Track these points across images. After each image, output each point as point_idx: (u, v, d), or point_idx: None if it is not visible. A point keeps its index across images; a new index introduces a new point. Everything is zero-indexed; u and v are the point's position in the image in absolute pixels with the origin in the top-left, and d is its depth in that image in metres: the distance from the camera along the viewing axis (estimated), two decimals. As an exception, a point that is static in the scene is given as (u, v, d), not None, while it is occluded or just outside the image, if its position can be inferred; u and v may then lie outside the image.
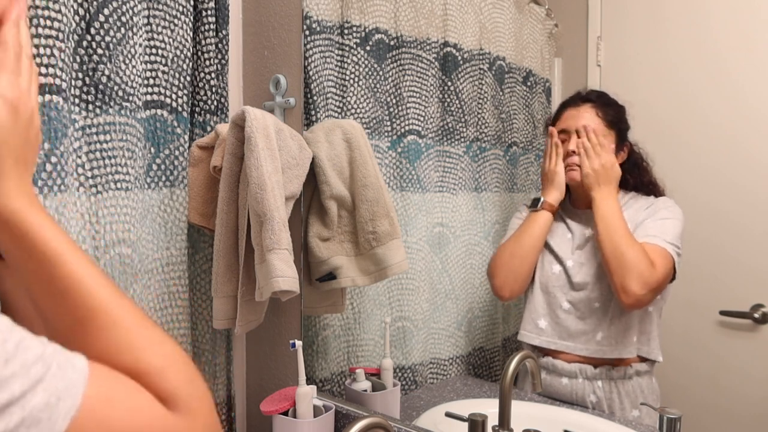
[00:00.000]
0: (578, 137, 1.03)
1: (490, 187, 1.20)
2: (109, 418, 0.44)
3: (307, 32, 1.29)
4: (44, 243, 0.49)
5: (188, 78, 1.25)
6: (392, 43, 1.25)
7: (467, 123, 1.21)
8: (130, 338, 0.50)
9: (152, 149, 1.20)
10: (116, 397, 0.46)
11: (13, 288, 0.58)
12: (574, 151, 1.03)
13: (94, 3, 1.06)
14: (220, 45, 1.31)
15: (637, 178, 1.00)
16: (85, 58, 1.06)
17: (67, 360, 0.44)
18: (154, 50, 1.19)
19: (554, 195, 1.06)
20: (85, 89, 1.07)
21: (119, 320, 0.50)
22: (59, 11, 0.98)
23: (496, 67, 1.18)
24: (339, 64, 1.28)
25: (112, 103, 1.09)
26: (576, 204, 1.07)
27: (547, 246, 1.09)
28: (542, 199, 1.07)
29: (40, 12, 0.96)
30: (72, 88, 1.04)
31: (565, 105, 1.06)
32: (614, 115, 1.01)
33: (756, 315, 0.88)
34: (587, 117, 1.02)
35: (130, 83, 1.11)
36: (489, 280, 1.17)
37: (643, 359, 0.99)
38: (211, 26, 1.28)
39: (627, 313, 1.00)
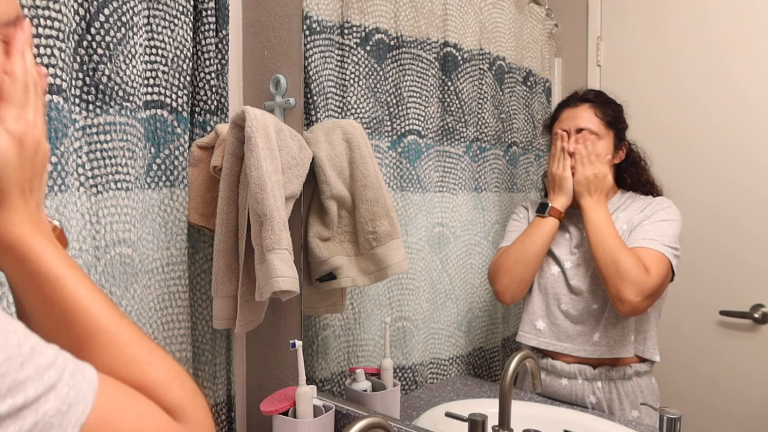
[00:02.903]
0: (576, 141, 1.02)
1: (490, 187, 1.20)
2: (119, 426, 0.45)
3: (307, 32, 1.29)
4: (46, 267, 0.50)
5: (188, 78, 1.25)
6: (392, 43, 1.25)
7: (467, 123, 1.21)
8: (132, 352, 0.52)
9: (152, 149, 1.20)
10: (125, 407, 0.47)
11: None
12: (571, 153, 1.03)
13: (94, 3, 1.06)
14: (220, 45, 1.31)
15: (635, 176, 1.00)
16: (86, 58, 1.06)
17: (78, 369, 0.44)
18: (154, 50, 1.19)
19: (562, 201, 1.05)
20: (85, 89, 1.07)
21: (120, 336, 0.52)
22: (59, 11, 0.98)
23: (496, 67, 1.18)
24: (339, 64, 1.28)
25: (112, 103, 1.09)
26: (573, 205, 1.07)
27: None
28: (550, 205, 1.06)
29: (40, 12, 0.96)
30: (72, 88, 1.04)
31: (562, 105, 1.06)
32: (612, 115, 1.00)
33: (756, 315, 0.88)
34: (586, 117, 1.02)
35: (130, 83, 1.11)
36: (490, 283, 1.16)
37: (642, 359, 0.99)
38: (211, 26, 1.28)
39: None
